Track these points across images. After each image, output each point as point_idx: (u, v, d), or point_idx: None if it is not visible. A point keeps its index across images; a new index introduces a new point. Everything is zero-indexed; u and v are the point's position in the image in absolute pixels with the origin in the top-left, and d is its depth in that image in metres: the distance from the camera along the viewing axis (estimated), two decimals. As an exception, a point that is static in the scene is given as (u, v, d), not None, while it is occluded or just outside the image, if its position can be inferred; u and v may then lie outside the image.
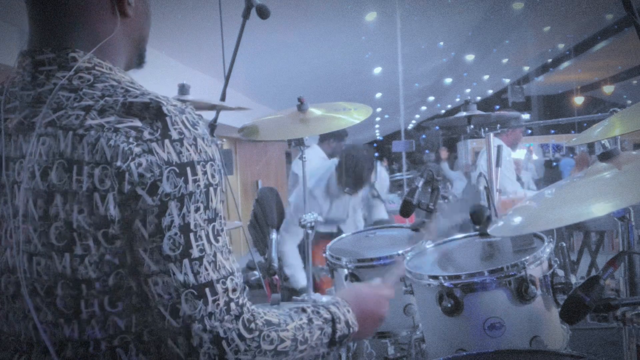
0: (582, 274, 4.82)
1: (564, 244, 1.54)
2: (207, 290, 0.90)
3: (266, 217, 3.40)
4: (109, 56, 1.01)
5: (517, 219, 1.41)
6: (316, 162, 3.86)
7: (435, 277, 1.46)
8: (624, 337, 1.39)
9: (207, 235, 0.91)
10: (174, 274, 0.89)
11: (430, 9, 7.50)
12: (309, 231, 2.19)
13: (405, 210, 1.96)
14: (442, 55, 11.28)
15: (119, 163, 0.88)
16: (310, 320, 1.04)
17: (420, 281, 1.50)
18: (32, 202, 0.91)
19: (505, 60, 12.60)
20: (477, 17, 8.60)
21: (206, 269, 0.90)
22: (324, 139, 4.20)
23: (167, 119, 0.91)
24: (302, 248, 3.30)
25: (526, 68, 13.58)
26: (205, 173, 0.92)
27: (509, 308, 1.41)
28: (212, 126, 2.41)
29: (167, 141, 0.90)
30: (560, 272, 1.48)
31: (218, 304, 0.91)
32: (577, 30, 10.37)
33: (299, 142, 2.24)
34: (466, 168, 7.01)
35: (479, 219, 1.81)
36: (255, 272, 2.34)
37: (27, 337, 0.96)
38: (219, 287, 0.91)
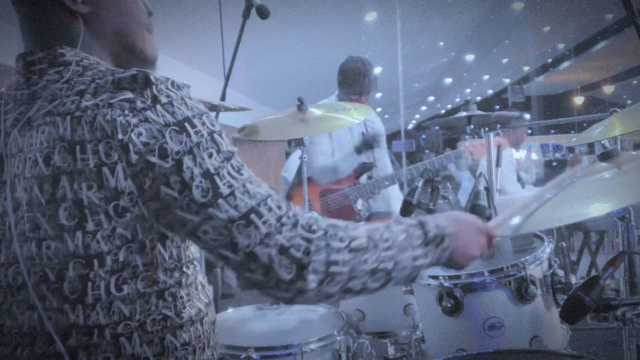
0: (582, 274, 4.82)
1: (564, 244, 1.54)
2: (253, 216, 0.93)
3: (266, 217, 3.40)
4: (90, 52, 1.05)
5: (517, 219, 1.41)
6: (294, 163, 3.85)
7: (435, 277, 1.46)
8: (624, 337, 1.40)
9: (229, 173, 0.95)
10: (216, 216, 0.92)
11: (430, 9, 7.51)
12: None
13: (405, 210, 1.96)
14: (442, 55, 11.28)
15: (120, 136, 0.91)
16: (387, 226, 1.05)
17: (420, 281, 1.50)
18: (38, 188, 0.93)
19: (505, 60, 12.60)
20: (477, 17, 8.61)
21: (242, 200, 0.94)
22: None
23: (154, 86, 0.95)
24: None
25: (526, 68, 13.58)
26: (203, 124, 0.95)
27: (509, 308, 1.41)
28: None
29: (158, 106, 0.93)
30: (560, 272, 1.47)
31: (270, 224, 0.94)
32: (577, 30, 10.37)
33: (299, 142, 2.24)
34: (473, 167, 6.97)
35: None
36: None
37: (30, 328, 0.97)
38: (263, 210, 0.94)
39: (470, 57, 11.56)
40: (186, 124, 0.93)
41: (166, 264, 0.99)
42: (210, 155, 0.94)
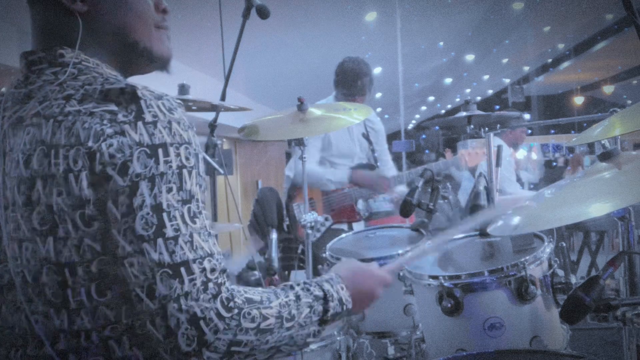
0: (582, 274, 4.82)
1: (564, 244, 1.54)
2: (182, 269, 0.89)
3: (266, 217, 3.40)
4: (92, 52, 1.03)
5: (517, 219, 1.41)
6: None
7: (435, 277, 1.46)
8: (624, 337, 1.40)
9: (182, 216, 0.91)
10: (148, 253, 0.88)
11: (430, 9, 7.51)
12: (309, 231, 2.19)
13: (405, 210, 1.96)
14: (442, 55, 11.28)
15: (90, 143, 0.89)
16: (297, 298, 1.02)
17: (420, 281, 1.50)
18: (17, 189, 0.94)
19: (505, 60, 12.60)
20: (477, 17, 8.61)
21: (182, 249, 0.89)
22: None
23: (142, 102, 0.92)
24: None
25: (526, 68, 13.59)
26: (178, 155, 0.91)
27: (509, 308, 1.41)
28: (212, 126, 2.41)
29: (140, 123, 0.90)
30: (560, 272, 1.47)
31: (195, 284, 0.89)
32: (577, 30, 10.37)
33: (299, 142, 2.24)
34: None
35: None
36: (255, 272, 2.34)
37: (21, 329, 0.96)
38: (195, 267, 0.90)
39: (470, 57, 11.57)
40: (159, 150, 0.90)
41: None
42: (169, 190, 0.90)
